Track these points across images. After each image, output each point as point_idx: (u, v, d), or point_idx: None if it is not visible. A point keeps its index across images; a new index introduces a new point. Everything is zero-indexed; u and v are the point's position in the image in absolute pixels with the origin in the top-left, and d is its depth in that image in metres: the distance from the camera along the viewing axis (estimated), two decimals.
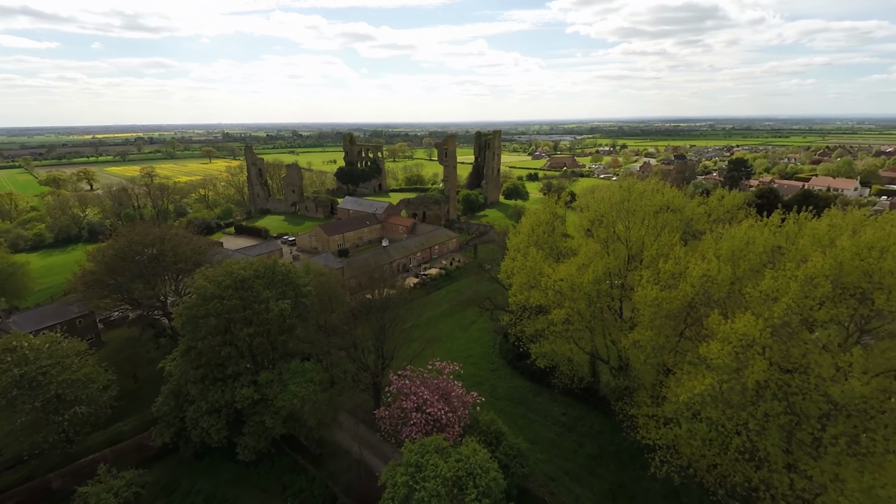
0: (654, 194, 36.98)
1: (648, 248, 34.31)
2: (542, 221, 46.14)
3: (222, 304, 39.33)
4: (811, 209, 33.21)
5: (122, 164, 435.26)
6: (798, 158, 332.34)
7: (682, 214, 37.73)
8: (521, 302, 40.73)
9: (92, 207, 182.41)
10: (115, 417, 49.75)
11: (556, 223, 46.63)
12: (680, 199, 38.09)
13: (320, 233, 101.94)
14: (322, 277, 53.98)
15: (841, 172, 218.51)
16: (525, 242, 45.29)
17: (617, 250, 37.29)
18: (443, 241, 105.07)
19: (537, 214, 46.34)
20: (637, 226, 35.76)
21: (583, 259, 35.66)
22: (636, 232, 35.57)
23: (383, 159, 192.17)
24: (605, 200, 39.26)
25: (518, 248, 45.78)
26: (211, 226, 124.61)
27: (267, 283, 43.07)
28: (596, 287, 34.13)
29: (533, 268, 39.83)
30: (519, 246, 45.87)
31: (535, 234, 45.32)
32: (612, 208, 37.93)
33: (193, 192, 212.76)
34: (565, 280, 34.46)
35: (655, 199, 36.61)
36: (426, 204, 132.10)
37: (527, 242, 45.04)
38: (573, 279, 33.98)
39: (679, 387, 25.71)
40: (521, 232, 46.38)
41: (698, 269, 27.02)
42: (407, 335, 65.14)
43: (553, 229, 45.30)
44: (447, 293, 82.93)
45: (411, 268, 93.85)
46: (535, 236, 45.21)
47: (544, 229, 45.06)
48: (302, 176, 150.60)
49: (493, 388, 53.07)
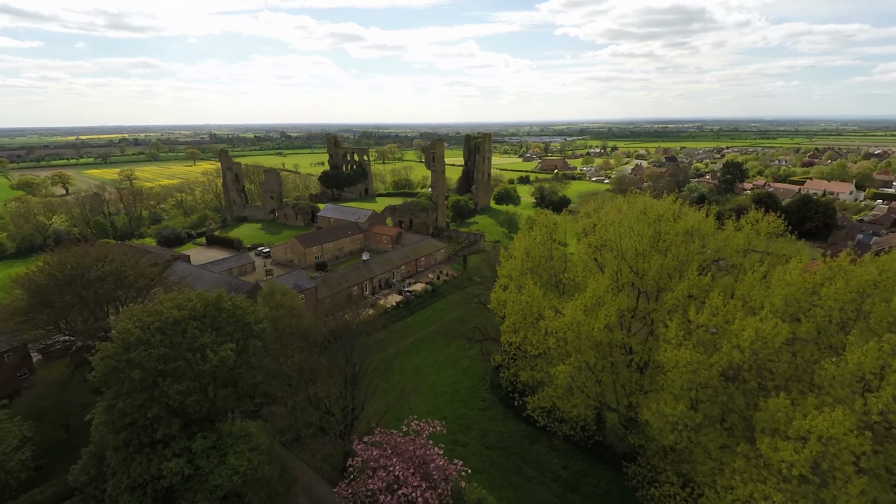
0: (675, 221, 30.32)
1: (673, 287, 27.70)
2: (538, 243, 39.31)
3: (148, 353, 31.93)
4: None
5: (103, 167, 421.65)
6: (789, 160, 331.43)
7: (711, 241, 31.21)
8: (516, 343, 33.93)
9: (59, 214, 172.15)
10: (37, 480, 41.90)
11: (555, 247, 39.83)
12: (707, 225, 31.50)
13: (296, 245, 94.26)
14: (281, 310, 46.41)
15: (835, 175, 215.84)
16: (519, 269, 38.48)
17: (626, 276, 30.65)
18: (429, 253, 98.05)
19: (533, 236, 39.51)
20: (657, 259, 29.09)
21: (591, 297, 28.92)
22: (656, 266, 28.93)
23: (369, 162, 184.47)
24: (614, 223, 32.60)
25: (511, 276, 38.96)
26: (181, 236, 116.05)
27: (209, 323, 35.66)
28: (608, 335, 27.44)
29: (530, 304, 33.04)
30: (512, 273, 39.06)
31: (530, 258, 38.47)
32: (623, 234, 31.23)
33: (171, 196, 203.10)
34: (570, 326, 27.69)
35: (678, 225, 30.02)
36: (413, 211, 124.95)
37: (521, 269, 38.23)
38: (580, 326, 27.23)
39: (727, 492, 19.04)
40: (514, 256, 39.55)
41: (748, 328, 20.36)
42: (386, 367, 58.04)
43: (551, 255, 38.51)
44: (433, 313, 75.85)
45: (394, 283, 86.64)
46: (531, 262, 38.39)
47: (541, 253, 38.25)
48: (281, 181, 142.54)
49: (482, 434, 46.13)
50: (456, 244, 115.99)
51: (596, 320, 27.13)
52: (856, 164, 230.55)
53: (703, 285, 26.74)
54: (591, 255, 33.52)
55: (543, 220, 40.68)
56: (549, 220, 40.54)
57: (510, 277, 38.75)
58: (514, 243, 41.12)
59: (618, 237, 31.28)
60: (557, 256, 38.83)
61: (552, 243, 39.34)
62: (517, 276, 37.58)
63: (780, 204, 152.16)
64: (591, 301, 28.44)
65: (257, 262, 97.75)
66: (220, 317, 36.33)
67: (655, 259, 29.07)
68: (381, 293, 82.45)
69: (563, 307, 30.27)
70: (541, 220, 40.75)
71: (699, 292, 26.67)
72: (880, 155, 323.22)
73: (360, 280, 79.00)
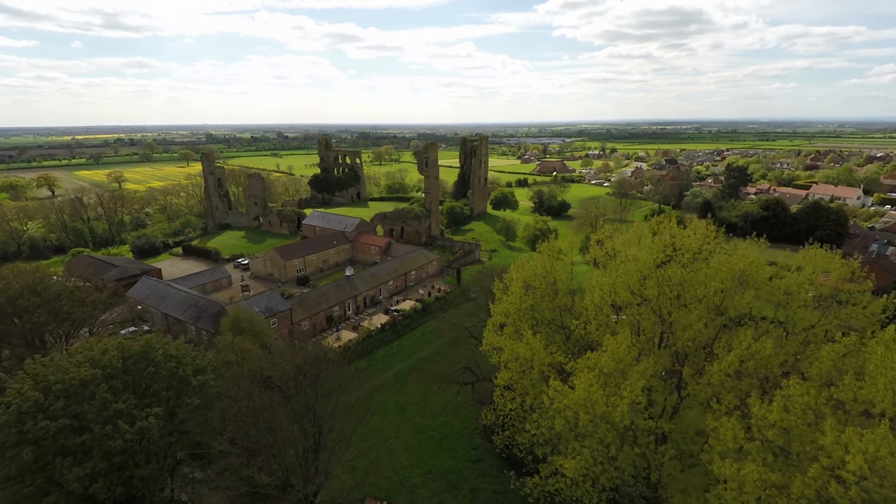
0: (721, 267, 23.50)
1: (718, 354, 21.01)
2: (539, 275, 32.52)
3: (46, 424, 25.02)
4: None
5: (95, 168, 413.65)
6: (791, 163, 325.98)
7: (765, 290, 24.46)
8: (512, 408, 27.21)
9: (36, 220, 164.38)
10: None
11: (560, 279, 32.98)
12: (761, 272, 24.62)
13: (276, 257, 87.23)
14: (241, 346, 39.26)
15: (841, 180, 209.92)
16: (516, 307, 31.68)
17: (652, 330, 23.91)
18: (421, 265, 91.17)
19: (533, 266, 32.69)
20: (696, 317, 22.35)
21: (610, 362, 22.17)
22: (695, 327, 22.21)
23: (361, 165, 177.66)
24: (634, 260, 25.87)
25: (507, 314, 32.16)
26: (156, 246, 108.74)
27: (130, 382, 28.74)
28: (633, 417, 20.73)
29: (529, 359, 26.29)
30: (509, 311, 32.24)
31: (530, 296, 31.67)
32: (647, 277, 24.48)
33: (155, 200, 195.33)
34: (583, 405, 20.94)
35: (721, 271, 23.28)
36: (404, 219, 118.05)
37: (518, 307, 31.42)
38: (596, 407, 20.49)
39: None
40: (511, 290, 32.71)
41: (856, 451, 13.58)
42: (365, 406, 51.15)
43: (556, 290, 31.70)
44: (422, 336, 68.91)
45: (381, 300, 79.70)
46: (531, 298, 31.58)
47: (543, 289, 31.46)
48: (265, 186, 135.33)
49: (473, 496, 39.26)
50: (450, 254, 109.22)
51: (616, 398, 20.45)
52: (862, 168, 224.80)
53: (762, 357, 20.09)
54: (608, 302, 26.91)
55: (546, 249, 33.96)
56: (551, 248, 33.80)
57: (506, 315, 32.00)
58: (511, 273, 34.43)
59: (640, 283, 24.65)
60: (563, 290, 32.07)
61: (556, 274, 32.57)
62: (514, 317, 30.87)
63: (788, 211, 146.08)
64: (610, 366, 21.79)
65: (235, 276, 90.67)
66: (145, 372, 29.34)
67: (690, 315, 22.48)
68: (366, 312, 75.50)
69: (574, 373, 23.46)
70: (543, 249, 34.03)
71: (756, 365, 20.09)
72: (883, 158, 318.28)
73: (343, 299, 72.03)
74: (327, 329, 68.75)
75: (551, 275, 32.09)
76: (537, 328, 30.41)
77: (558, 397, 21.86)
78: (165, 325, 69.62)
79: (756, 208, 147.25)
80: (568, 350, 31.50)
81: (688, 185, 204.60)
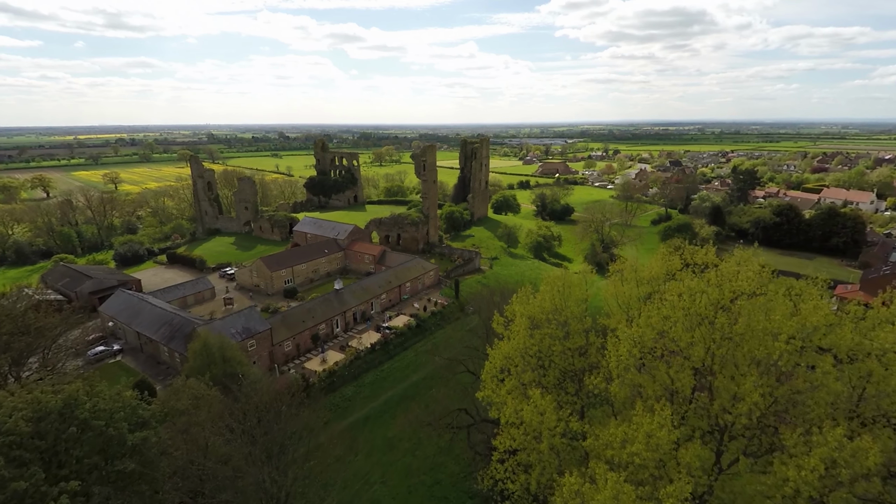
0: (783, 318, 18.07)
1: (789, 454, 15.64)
2: (547, 311, 27.07)
3: None
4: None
5: (94, 168, 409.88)
6: (798, 166, 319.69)
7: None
8: (516, 490, 21.80)
9: (22, 224, 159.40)
10: None
11: (572, 314, 27.52)
12: (843, 335, 19.02)
13: (262, 267, 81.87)
14: (178, 405, 33.11)
15: (853, 183, 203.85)
16: (521, 351, 26.23)
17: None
18: (416, 276, 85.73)
19: (540, 301, 27.25)
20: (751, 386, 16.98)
21: (644, 450, 16.77)
22: (750, 399, 16.84)
23: (359, 168, 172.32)
24: (669, 306, 20.44)
25: (510, 359, 26.74)
26: (139, 254, 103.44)
27: (45, 449, 23.35)
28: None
29: (537, 427, 20.89)
30: (511, 355, 26.84)
31: (536, 336, 26.23)
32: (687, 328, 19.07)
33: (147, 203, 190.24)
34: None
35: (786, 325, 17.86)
36: (401, 225, 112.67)
37: (523, 351, 25.98)
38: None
39: None
40: (513, 328, 27.24)
41: None
42: (350, 442, 45.76)
43: (567, 331, 26.25)
44: (416, 357, 63.46)
45: (373, 316, 74.25)
46: (537, 342, 26.14)
47: (552, 331, 26.01)
48: (256, 190, 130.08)
49: None
50: (449, 262, 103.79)
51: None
52: (874, 172, 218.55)
53: (864, 466, 14.70)
54: (637, 357, 21.46)
55: (554, 277, 28.46)
56: (564, 281, 28.21)
57: (509, 359, 26.61)
58: (513, 305, 29.04)
59: (689, 344, 19.27)
60: (577, 330, 26.60)
61: (568, 310, 27.12)
62: (519, 365, 25.48)
63: (802, 217, 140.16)
64: (645, 456, 16.47)
65: (219, 287, 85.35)
66: (64, 434, 23.93)
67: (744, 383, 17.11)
68: (356, 329, 70.07)
69: (592, 452, 18.06)
70: (551, 278, 28.55)
71: (852, 475, 14.66)
72: (892, 160, 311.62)
73: (331, 315, 66.57)
74: (313, 349, 63.34)
75: (562, 312, 26.64)
76: (545, 375, 25.01)
77: (575, 501, 16.49)
78: (138, 344, 64.37)
79: (768, 214, 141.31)
80: (581, 400, 26.08)
81: (695, 188, 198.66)
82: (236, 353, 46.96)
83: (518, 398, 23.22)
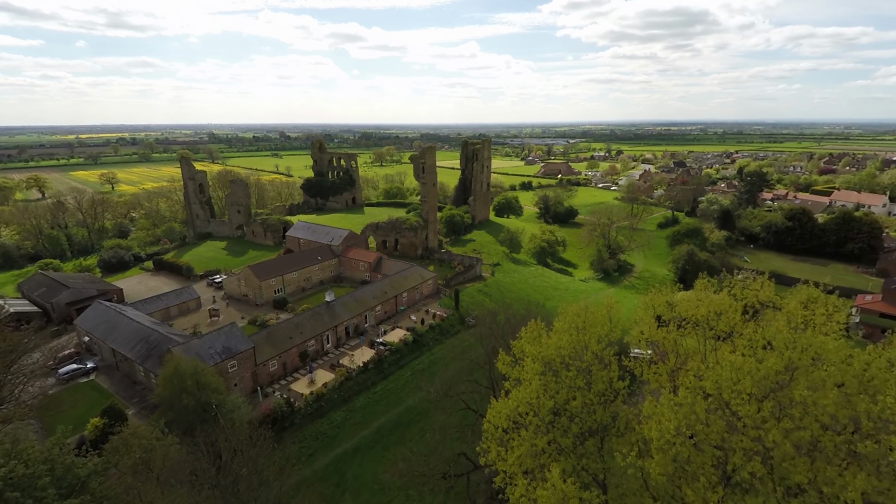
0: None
1: None
2: (566, 354, 22.35)
3: None
4: None
5: (93, 168, 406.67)
6: (804, 167, 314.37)
7: None
8: None
9: (10, 227, 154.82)
10: None
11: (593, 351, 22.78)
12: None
13: (250, 276, 77.23)
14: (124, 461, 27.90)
15: (864, 186, 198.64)
16: (533, 407, 21.47)
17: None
18: (414, 286, 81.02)
19: (556, 342, 22.51)
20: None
21: None
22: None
23: (357, 169, 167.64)
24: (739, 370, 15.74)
25: (520, 415, 21.98)
26: (125, 260, 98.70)
27: None
28: None
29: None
30: (521, 410, 22.03)
31: (551, 386, 21.51)
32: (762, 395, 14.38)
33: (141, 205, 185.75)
34: None
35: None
36: (399, 229, 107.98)
37: (536, 407, 21.25)
38: None
39: None
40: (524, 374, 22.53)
41: None
42: (336, 479, 41.16)
43: (590, 379, 21.55)
44: (412, 377, 58.73)
45: (366, 330, 69.57)
46: (551, 396, 21.42)
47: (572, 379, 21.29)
48: (249, 193, 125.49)
49: None
50: (448, 269, 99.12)
51: None
52: (884, 173, 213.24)
53: None
54: (686, 435, 16.88)
55: (573, 313, 23.77)
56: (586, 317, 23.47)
57: (530, 412, 21.85)
58: (521, 342, 24.34)
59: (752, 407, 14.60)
60: (599, 377, 21.88)
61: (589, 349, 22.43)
62: (531, 420, 20.78)
63: (815, 221, 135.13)
64: None
65: (205, 297, 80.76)
66: None
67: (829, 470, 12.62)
68: (348, 345, 65.39)
69: None
70: (569, 314, 23.87)
71: None
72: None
73: (321, 330, 61.84)
74: (301, 368, 58.63)
75: (584, 353, 21.90)
76: (563, 433, 20.31)
77: None
78: (114, 362, 59.78)
79: (780, 218, 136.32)
80: (604, 462, 21.33)
81: (701, 190, 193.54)
82: (212, 380, 42.32)
83: (530, 467, 18.64)
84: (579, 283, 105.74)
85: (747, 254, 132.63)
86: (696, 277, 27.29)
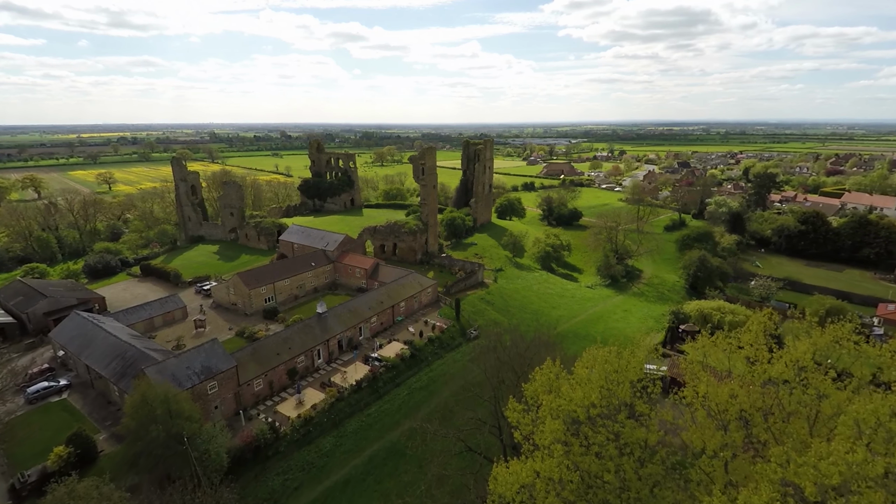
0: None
1: None
2: (589, 405, 18.03)
3: None
4: None
5: (92, 167, 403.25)
6: (811, 168, 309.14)
7: None
8: None
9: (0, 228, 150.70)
10: None
11: (620, 397, 18.46)
12: None
13: (239, 284, 73.02)
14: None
15: (875, 187, 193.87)
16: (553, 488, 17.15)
17: None
18: (412, 294, 76.74)
19: (581, 393, 18.17)
20: None
21: None
22: None
23: (356, 169, 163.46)
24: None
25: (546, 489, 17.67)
26: (111, 265, 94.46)
27: None
28: None
29: None
30: (540, 484, 17.70)
31: (573, 450, 17.20)
32: None
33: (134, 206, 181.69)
34: None
35: None
36: (397, 233, 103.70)
37: (557, 478, 16.94)
38: None
39: None
40: (540, 438, 18.18)
41: None
42: None
43: (617, 434, 17.27)
44: (409, 395, 54.47)
45: (361, 343, 65.30)
46: (576, 460, 17.10)
47: (600, 445, 17.00)
48: (243, 195, 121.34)
49: None
50: (449, 275, 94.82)
51: None
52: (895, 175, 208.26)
53: None
54: None
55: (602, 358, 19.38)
56: (618, 363, 19.08)
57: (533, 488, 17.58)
58: (533, 386, 20.04)
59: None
60: (631, 437, 17.53)
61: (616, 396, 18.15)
62: (552, 502, 16.51)
63: (829, 225, 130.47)
64: None
65: (193, 305, 76.58)
66: None
67: None
68: (341, 360, 61.12)
69: None
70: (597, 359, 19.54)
71: None
72: None
73: (311, 345, 57.58)
74: (290, 386, 54.39)
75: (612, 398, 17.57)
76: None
77: None
78: (89, 379, 55.62)
79: (792, 221, 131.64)
80: None
81: (708, 191, 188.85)
82: (185, 406, 38.12)
83: None
84: (586, 290, 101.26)
85: (758, 258, 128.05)
86: (708, 284, 23.46)
